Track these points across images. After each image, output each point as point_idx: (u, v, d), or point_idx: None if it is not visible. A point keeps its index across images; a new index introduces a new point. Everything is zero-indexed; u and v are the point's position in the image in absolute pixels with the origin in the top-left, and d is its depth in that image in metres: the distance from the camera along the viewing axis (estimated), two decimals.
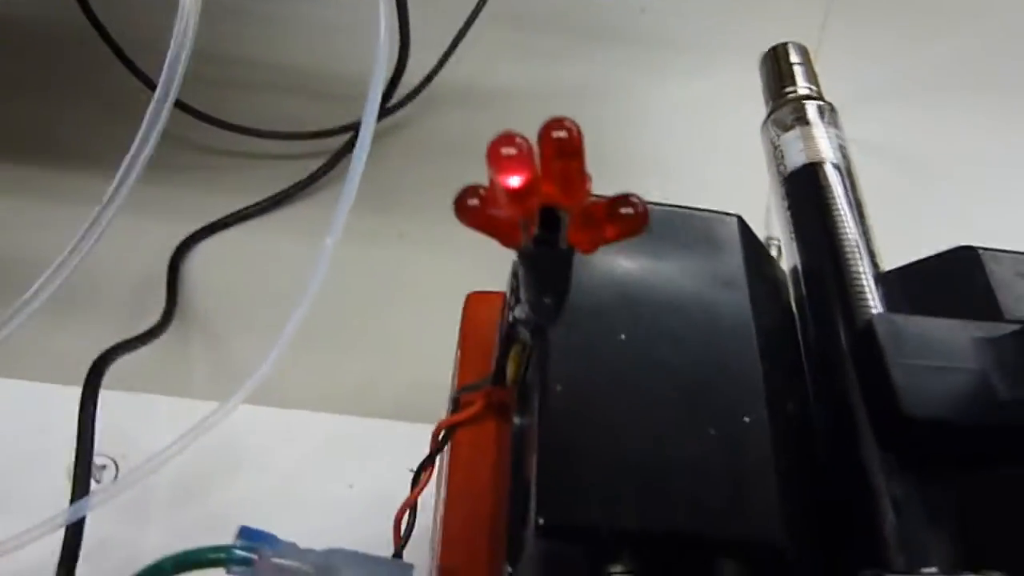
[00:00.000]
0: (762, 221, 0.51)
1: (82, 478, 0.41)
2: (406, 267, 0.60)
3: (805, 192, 0.33)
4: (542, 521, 0.23)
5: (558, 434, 0.24)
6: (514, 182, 0.21)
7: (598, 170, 0.23)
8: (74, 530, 0.39)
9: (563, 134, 0.22)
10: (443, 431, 0.32)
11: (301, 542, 0.30)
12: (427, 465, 0.32)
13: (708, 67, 0.76)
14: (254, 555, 0.27)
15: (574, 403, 0.25)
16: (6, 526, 0.36)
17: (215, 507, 0.47)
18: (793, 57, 0.38)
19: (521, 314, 0.25)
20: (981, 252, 0.30)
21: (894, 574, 0.23)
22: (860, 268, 0.30)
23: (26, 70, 0.69)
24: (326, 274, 0.38)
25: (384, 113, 0.65)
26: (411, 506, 0.32)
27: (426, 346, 0.52)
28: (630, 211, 0.22)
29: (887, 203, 0.37)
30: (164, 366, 0.53)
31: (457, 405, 0.32)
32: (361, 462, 0.49)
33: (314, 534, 0.30)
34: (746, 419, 0.25)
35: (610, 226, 0.23)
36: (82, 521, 0.39)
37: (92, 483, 0.43)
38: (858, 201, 0.33)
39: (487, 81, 0.73)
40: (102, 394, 0.44)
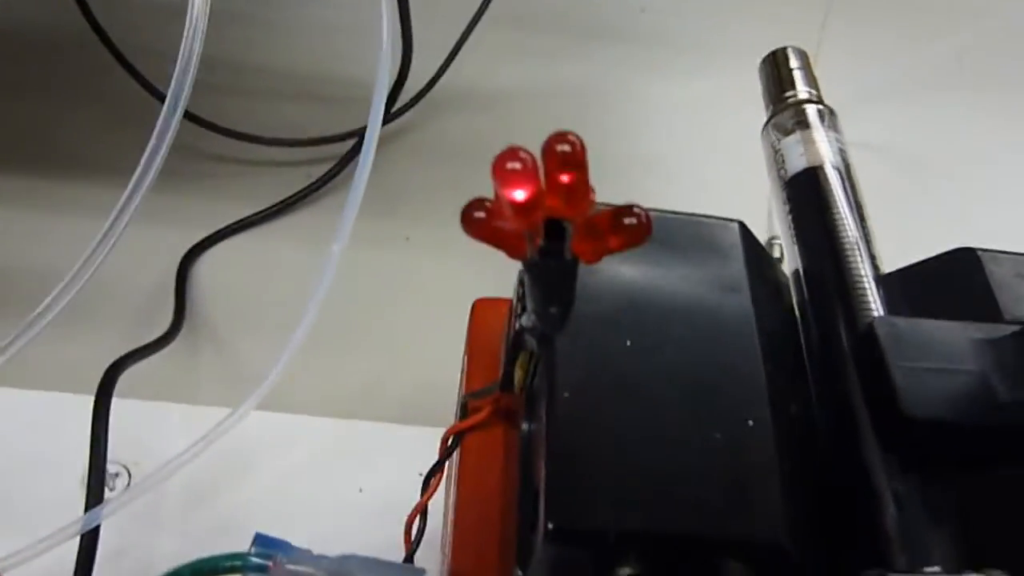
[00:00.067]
0: (762, 221, 0.51)
1: (96, 486, 0.42)
2: (412, 271, 0.60)
3: (806, 196, 0.34)
4: (551, 526, 0.23)
5: (566, 440, 0.25)
6: (519, 196, 0.22)
7: (598, 171, 0.23)
8: (89, 538, 0.40)
9: (567, 148, 0.22)
10: (452, 437, 0.32)
11: (312, 546, 0.30)
12: (437, 470, 0.32)
13: (708, 67, 0.76)
14: (269, 562, 0.27)
15: (581, 409, 0.25)
16: (21, 535, 0.36)
17: (227, 513, 0.47)
18: (793, 61, 0.38)
19: (528, 323, 0.26)
20: (981, 253, 0.31)
21: (897, 573, 0.24)
22: (861, 271, 0.31)
23: (27, 76, 0.69)
24: (333, 279, 0.38)
25: (388, 118, 0.65)
26: (421, 511, 0.32)
27: (433, 350, 0.52)
28: (633, 221, 0.23)
29: (887, 204, 0.37)
30: (174, 374, 0.53)
31: (465, 411, 0.32)
32: (370, 466, 0.50)
33: (325, 538, 0.31)
34: (750, 422, 0.26)
35: (614, 237, 0.23)
36: (97, 529, 0.40)
37: (105, 491, 0.43)
38: (859, 204, 0.33)
39: (490, 84, 0.73)
40: (113, 402, 0.45)
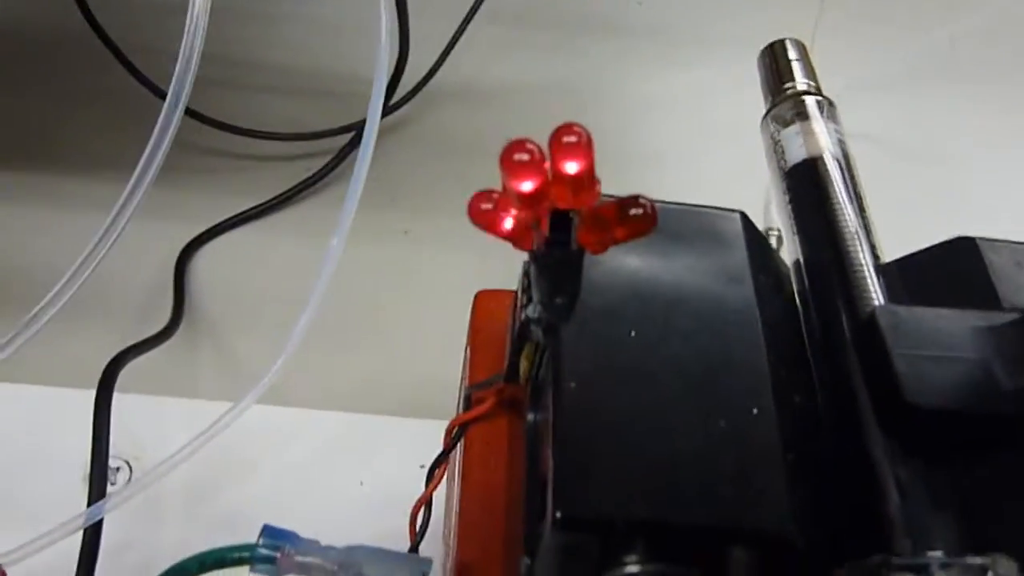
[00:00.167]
0: (760, 213, 0.51)
1: (98, 481, 0.42)
2: (411, 265, 0.61)
3: (806, 186, 0.34)
4: (559, 514, 0.23)
5: (572, 429, 0.25)
6: (526, 187, 0.22)
7: (597, 164, 0.23)
8: (92, 532, 0.40)
9: (573, 139, 0.22)
10: (456, 428, 0.32)
11: (315, 539, 0.30)
12: (441, 462, 0.32)
13: (705, 59, 0.76)
14: (277, 553, 0.27)
15: (587, 399, 0.26)
16: (23, 531, 0.36)
17: (229, 507, 0.47)
18: (791, 53, 0.39)
19: (533, 313, 0.26)
20: (980, 242, 0.31)
21: (901, 558, 0.24)
22: (861, 260, 0.31)
23: (27, 74, 0.69)
24: (333, 273, 0.39)
25: (385, 112, 0.65)
26: (426, 502, 0.32)
27: (433, 342, 0.53)
28: (639, 212, 0.23)
29: (885, 194, 0.37)
30: (174, 368, 0.53)
31: (469, 402, 0.32)
32: (371, 459, 0.50)
33: (327, 531, 0.31)
34: (754, 411, 0.26)
35: (620, 227, 0.23)
36: (100, 523, 0.40)
37: (107, 486, 0.43)
38: (858, 194, 0.34)
39: (487, 77, 0.73)
40: (114, 397, 0.45)
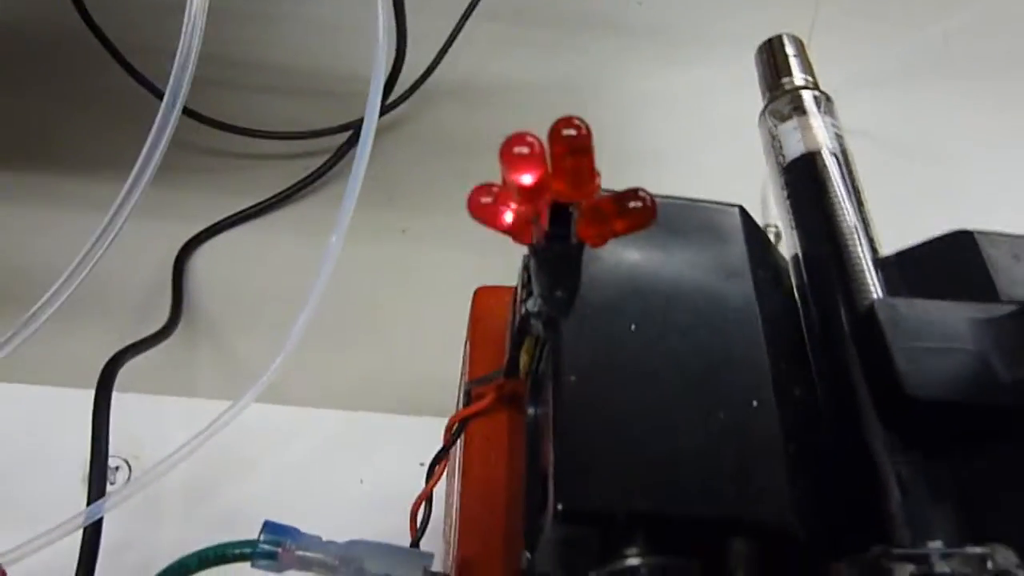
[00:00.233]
0: (759, 209, 0.52)
1: (98, 480, 0.42)
2: (410, 263, 0.61)
3: (804, 181, 0.34)
4: (560, 507, 0.23)
5: (573, 423, 0.25)
6: (526, 180, 0.22)
7: (597, 162, 0.23)
8: (92, 531, 0.40)
9: (573, 132, 0.22)
10: (456, 424, 0.32)
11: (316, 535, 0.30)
12: (441, 457, 0.32)
13: (703, 57, 0.76)
14: (279, 548, 0.27)
15: (588, 393, 0.26)
16: (23, 530, 0.36)
17: (228, 505, 0.48)
18: (788, 49, 0.39)
19: (533, 307, 0.26)
20: (978, 235, 0.31)
21: (901, 549, 0.24)
22: (860, 254, 0.31)
23: (24, 74, 0.69)
24: (332, 272, 0.39)
25: (383, 110, 0.65)
26: (427, 498, 0.32)
27: (432, 340, 0.53)
28: (639, 205, 0.23)
29: (882, 189, 0.38)
30: (173, 367, 0.53)
31: (470, 398, 0.32)
32: (371, 456, 0.50)
33: (328, 529, 0.31)
34: (754, 403, 0.26)
35: (619, 220, 0.23)
36: (100, 522, 0.40)
37: (107, 485, 0.43)
38: (856, 188, 0.34)
39: (484, 75, 0.73)
40: (113, 397, 0.45)
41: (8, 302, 0.41)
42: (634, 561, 0.24)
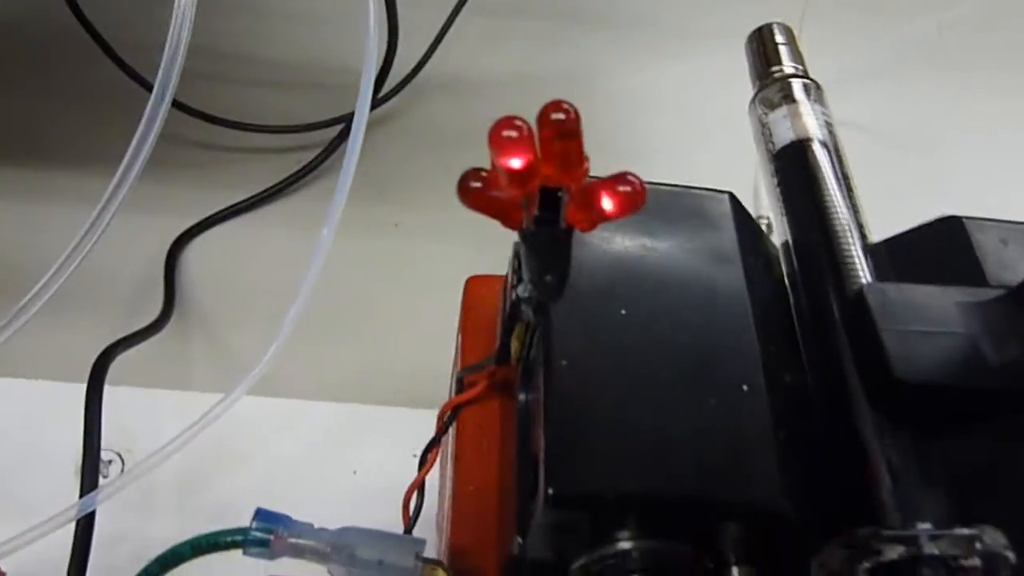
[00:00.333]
0: (751, 201, 0.52)
1: (90, 473, 0.42)
2: (402, 256, 0.61)
3: (794, 168, 0.34)
4: (551, 491, 0.23)
5: (564, 407, 0.25)
6: (515, 164, 0.22)
7: (588, 155, 0.23)
8: (85, 524, 0.40)
9: (561, 116, 0.22)
10: (449, 411, 0.32)
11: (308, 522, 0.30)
12: (434, 445, 0.32)
13: (696, 50, 0.76)
14: (271, 536, 0.27)
15: (578, 377, 0.26)
16: (16, 523, 0.36)
17: (221, 497, 0.47)
18: (778, 37, 0.39)
19: (524, 293, 0.26)
20: (966, 221, 0.31)
21: (890, 530, 0.24)
22: (849, 240, 0.31)
23: (13, 68, 0.69)
24: (323, 264, 0.39)
25: (374, 104, 0.65)
26: (419, 486, 0.32)
27: (424, 333, 0.53)
28: (628, 189, 0.23)
29: (876, 181, 0.38)
30: (165, 361, 0.53)
31: (461, 385, 0.32)
32: (364, 448, 0.50)
33: (321, 519, 0.31)
34: (744, 387, 0.26)
35: (608, 204, 0.23)
36: (92, 515, 0.40)
37: (100, 478, 0.43)
38: (845, 175, 0.34)
39: (475, 69, 0.73)
40: (105, 390, 0.45)
41: None
42: (625, 545, 0.24)
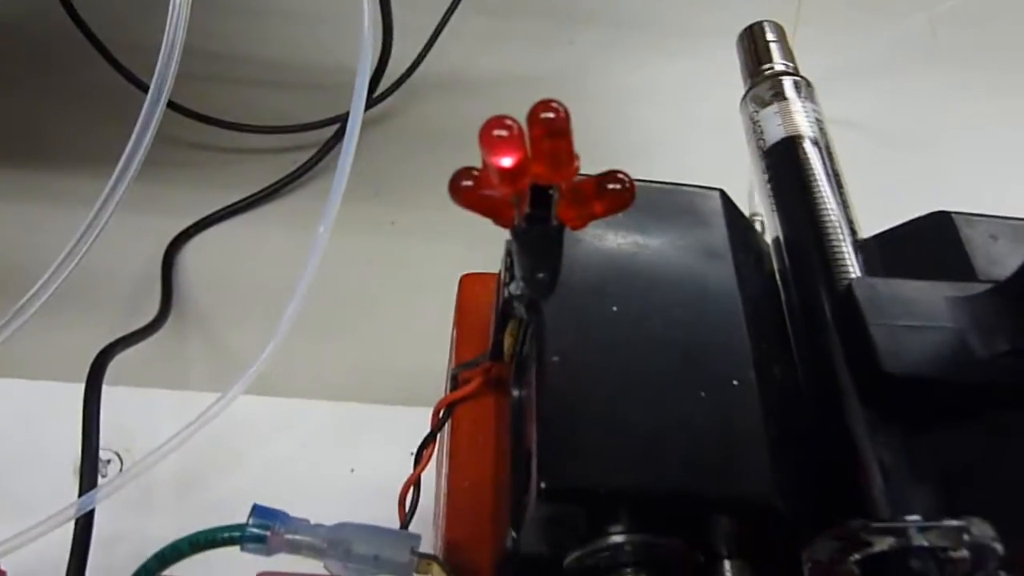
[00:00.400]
0: (745, 199, 0.52)
1: (89, 472, 0.42)
2: (399, 255, 0.61)
3: (785, 165, 0.34)
4: (544, 485, 0.24)
5: (556, 402, 0.25)
6: (506, 162, 0.22)
7: (582, 154, 0.24)
8: (84, 522, 0.40)
9: (551, 115, 0.22)
10: (443, 408, 0.32)
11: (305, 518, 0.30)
12: (429, 442, 0.33)
13: (691, 49, 0.76)
14: (267, 532, 0.28)
15: (570, 373, 0.26)
16: (15, 522, 0.36)
17: (219, 496, 0.48)
18: (769, 35, 0.39)
19: (516, 290, 0.26)
20: (955, 216, 0.32)
21: (879, 523, 0.24)
22: (839, 236, 0.31)
23: (7, 70, 0.69)
24: (320, 263, 0.39)
25: (370, 103, 0.65)
26: (415, 482, 0.33)
27: (421, 331, 0.53)
28: (617, 186, 0.23)
29: (870, 180, 0.38)
30: (163, 361, 0.53)
31: (456, 382, 0.33)
32: (361, 447, 0.50)
33: (319, 517, 0.31)
34: (735, 382, 0.26)
35: (598, 202, 0.24)
36: (91, 514, 0.40)
37: (98, 478, 0.43)
38: (836, 172, 0.34)
39: (471, 68, 0.73)
40: (103, 390, 0.45)
41: None
42: (617, 539, 0.25)
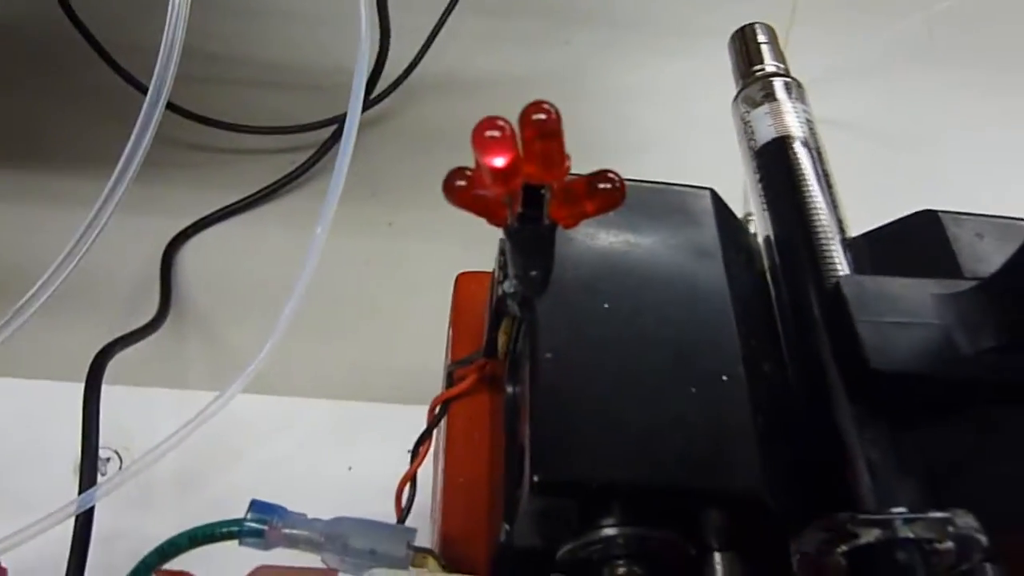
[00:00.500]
0: (739, 199, 0.52)
1: (89, 470, 0.42)
2: (396, 256, 0.61)
3: (775, 165, 0.35)
4: (536, 478, 0.24)
5: (549, 398, 0.26)
6: (498, 162, 0.23)
7: (577, 154, 0.24)
8: (84, 520, 0.40)
9: (542, 116, 0.23)
10: (439, 405, 0.33)
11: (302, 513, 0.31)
12: (425, 439, 0.33)
13: (688, 49, 0.77)
14: (265, 527, 0.28)
15: (563, 369, 0.26)
16: (16, 520, 0.37)
17: (217, 493, 0.48)
18: (760, 37, 0.39)
19: (510, 288, 0.27)
20: (942, 215, 0.32)
21: (866, 515, 0.25)
22: (828, 234, 0.32)
23: (5, 71, 0.69)
24: (318, 263, 0.39)
25: (367, 104, 0.66)
26: (411, 478, 0.33)
27: (418, 330, 0.53)
28: (608, 186, 0.24)
29: (865, 179, 0.38)
30: (162, 360, 0.54)
31: (451, 379, 0.33)
32: (358, 445, 0.51)
33: (316, 515, 0.31)
34: (724, 378, 0.27)
35: (589, 201, 0.24)
36: (91, 511, 0.40)
37: (98, 476, 0.44)
38: (825, 171, 0.34)
39: (467, 68, 0.74)
40: (102, 389, 0.45)
41: None
42: (609, 532, 0.25)
